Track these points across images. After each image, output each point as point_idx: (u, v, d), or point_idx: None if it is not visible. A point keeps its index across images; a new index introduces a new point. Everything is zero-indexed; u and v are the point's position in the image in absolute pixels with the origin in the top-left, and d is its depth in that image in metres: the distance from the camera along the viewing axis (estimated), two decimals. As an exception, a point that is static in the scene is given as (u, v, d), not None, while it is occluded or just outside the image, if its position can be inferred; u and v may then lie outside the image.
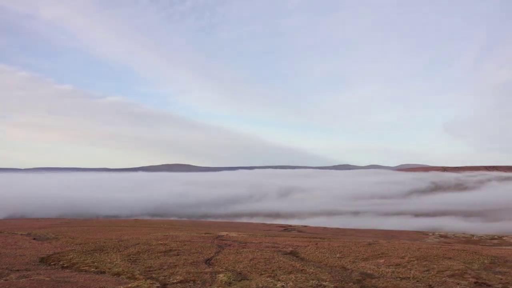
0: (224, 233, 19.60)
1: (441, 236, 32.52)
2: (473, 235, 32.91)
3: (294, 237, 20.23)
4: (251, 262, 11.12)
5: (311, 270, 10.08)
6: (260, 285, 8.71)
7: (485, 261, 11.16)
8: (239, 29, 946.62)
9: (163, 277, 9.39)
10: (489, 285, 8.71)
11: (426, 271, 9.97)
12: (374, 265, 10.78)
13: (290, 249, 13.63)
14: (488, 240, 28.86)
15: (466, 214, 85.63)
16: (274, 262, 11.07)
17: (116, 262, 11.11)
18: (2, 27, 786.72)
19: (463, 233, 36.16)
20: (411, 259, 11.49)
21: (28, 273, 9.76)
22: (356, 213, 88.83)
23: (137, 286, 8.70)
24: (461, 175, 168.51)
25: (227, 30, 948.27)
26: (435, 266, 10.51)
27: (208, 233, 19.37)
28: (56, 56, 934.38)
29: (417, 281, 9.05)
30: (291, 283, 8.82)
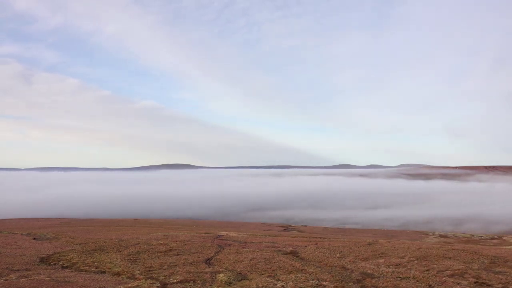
0: (224, 233, 19.60)
1: (441, 236, 32.51)
2: (473, 235, 32.92)
3: (294, 237, 20.24)
4: (251, 262, 11.12)
5: (311, 270, 10.08)
6: (260, 285, 8.71)
7: (485, 261, 11.16)
8: (280, 43, 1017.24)
9: (163, 277, 9.39)
10: (489, 285, 8.71)
11: (426, 271, 9.97)
12: (374, 265, 10.78)
13: (290, 249, 13.63)
14: (488, 240, 28.87)
15: None
16: (274, 262, 11.07)
17: (116, 262, 11.12)
18: (68, 42, 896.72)
19: (463, 233, 36.16)
20: (411, 259, 11.49)
21: (28, 273, 9.76)
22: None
23: (137, 286, 8.70)
24: None
25: (269, 43, 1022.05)
26: (435, 266, 10.51)
27: (208, 233, 19.37)
28: (108, 66, 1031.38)
29: (417, 281, 9.05)
30: (291, 283, 8.82)
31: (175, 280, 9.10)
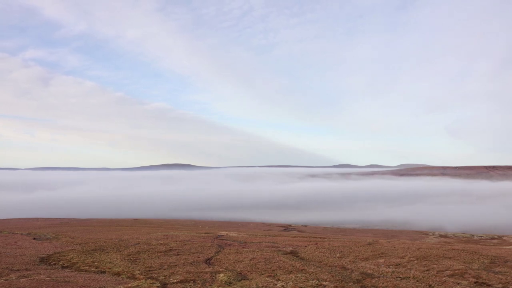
0: (224, 233, 19.61)
1: (441, 236, 32.53)
2: (473, 235, 32.94)
3: (294, 237, 20.24)
4: (251, 261, 11.13)
5: (311, 270, 10.08)
6: (260, 285, 8.71)
7: (485, 261, 11.17)
8: (293, 47, 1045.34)
9: (163, 277, 9.39)
10: (489, 285, 8.71)
11: (426, 271, 9.97)
12: (374, 265, 10.79)
13: (290, 248, 13.64)
14: (488, 240, 28.89)
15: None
16: (274, 262, 11.08)
17: (116, 262, 11.12)
18: (90, 46, 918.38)
19: (463, 233, 36.16)
20: (411, 259, 11.50)
21: (28, 273, 9.76)
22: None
23: (137, 286, 8.70)
24: None
25: (283, 48, 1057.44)
26: (435, 266, 10.52)
27: (208, 233, 19.37)
28: (125, 69, 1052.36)
29: (417, 281, 9.05)
30: (291, 283, 8.83)
31: (175, 280, 9.10)
